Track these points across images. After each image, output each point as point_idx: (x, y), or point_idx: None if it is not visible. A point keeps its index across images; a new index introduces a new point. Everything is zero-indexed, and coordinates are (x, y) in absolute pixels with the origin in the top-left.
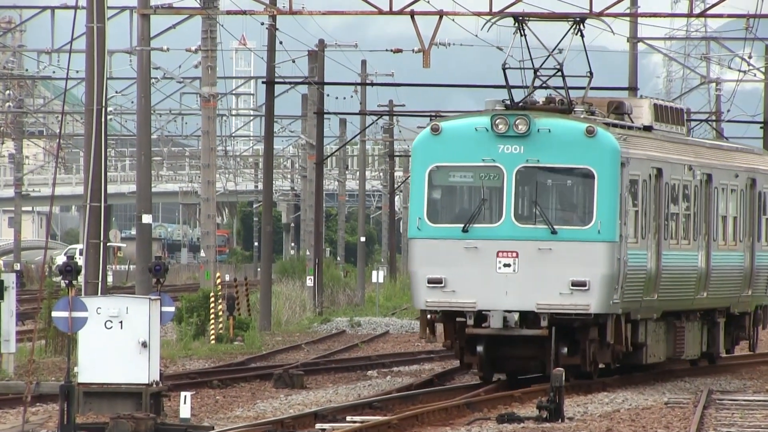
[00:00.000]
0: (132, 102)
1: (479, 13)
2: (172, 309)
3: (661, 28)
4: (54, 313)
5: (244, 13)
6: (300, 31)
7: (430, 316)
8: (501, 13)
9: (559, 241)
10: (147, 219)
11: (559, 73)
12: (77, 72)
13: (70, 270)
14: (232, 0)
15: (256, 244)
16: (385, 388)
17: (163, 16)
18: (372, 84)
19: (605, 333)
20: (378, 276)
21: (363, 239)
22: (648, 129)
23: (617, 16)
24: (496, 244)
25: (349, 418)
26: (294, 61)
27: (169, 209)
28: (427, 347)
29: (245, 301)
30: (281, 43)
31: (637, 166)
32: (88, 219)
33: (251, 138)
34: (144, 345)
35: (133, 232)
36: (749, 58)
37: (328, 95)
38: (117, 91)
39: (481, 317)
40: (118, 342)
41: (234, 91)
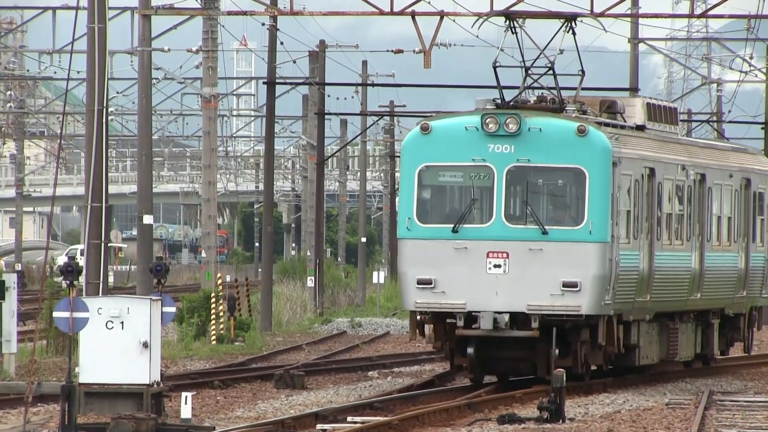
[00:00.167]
0: (133, 102)
1: (480, 14)
2: (173, 309)
3: (662, 28)
4: (55, 314)
5: (245, 13)
6: (301, 31)
7: (419, 317)
8: (492, 11)
9: (550, 241)
10: (148, 219)
11: (550, 71)
12: (78, 72)
13: (71, 270)
14: (233, 1)
15: (257, 244)
16: (385, 389)
17: (164, 16)
18: (373, 84)
19: (597, 334)
20: (379, 277)
21: (364, 240)
22: (641, 128)
23: (618, 16)
24: (486, 245)
25: (349, 419)
26: (295, 62)
27: (170, 210)
28: (427, 348)
29: (246, 302)
30: (282, 43)
31: (629, 165)
32: (89, 219)
33: (252, 138)
34: (145, 345)
35: (134, 232)
36: (750, 58)
37: (329, 96)
38: (118, 92)
39: (471, 318)
40: (119, 342)
41: (235, 92)
